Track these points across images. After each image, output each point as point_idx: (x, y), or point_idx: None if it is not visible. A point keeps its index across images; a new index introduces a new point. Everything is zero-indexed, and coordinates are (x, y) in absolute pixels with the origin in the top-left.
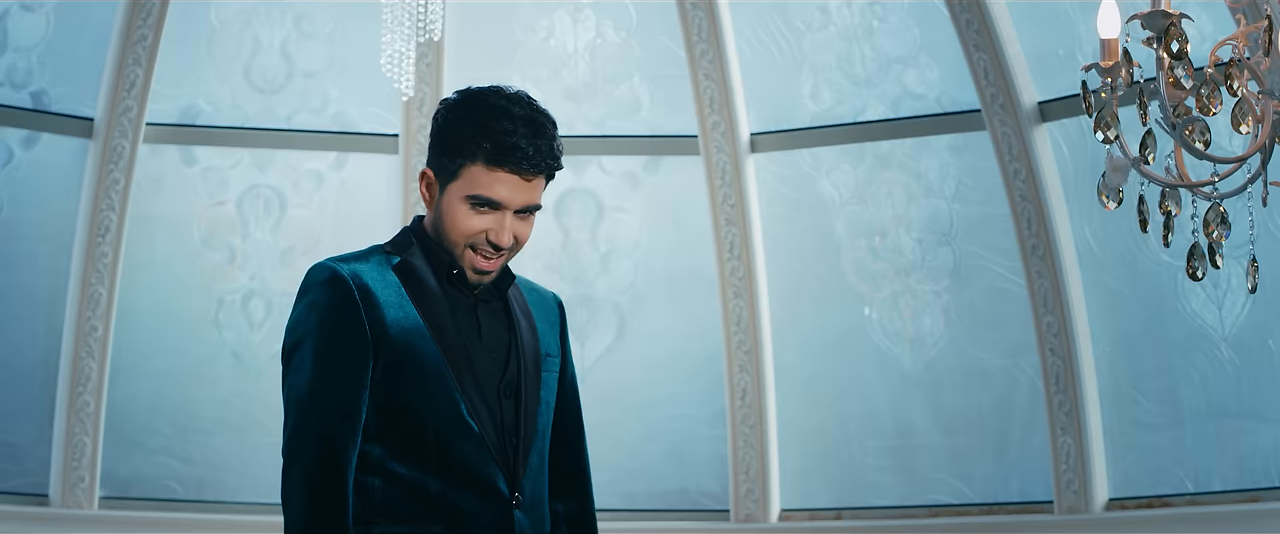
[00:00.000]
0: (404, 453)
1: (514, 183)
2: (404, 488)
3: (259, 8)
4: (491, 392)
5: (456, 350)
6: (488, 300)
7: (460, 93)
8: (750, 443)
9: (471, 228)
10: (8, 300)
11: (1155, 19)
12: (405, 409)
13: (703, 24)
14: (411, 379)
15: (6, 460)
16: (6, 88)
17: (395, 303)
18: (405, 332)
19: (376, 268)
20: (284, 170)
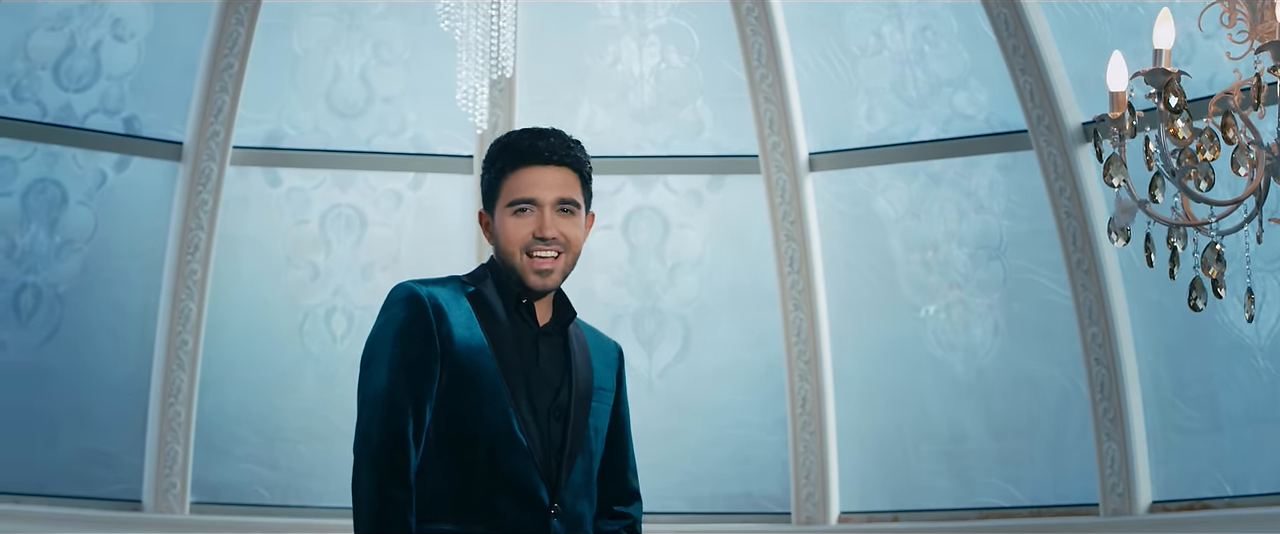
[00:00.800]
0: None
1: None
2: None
3: (340, 36)
4: (542, 412)
5: (514, 372)
6: (549, 334)
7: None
8: (810, 448)
9: (520, 232)
10: (102, 316)
11: (1156, 76)
12: (462, 418)
13: (762, 49)
14: (471, 392)
15: (102, 468)
16: (100, 114)
17: (464, 323)
18: (470, 350)
19: (452, 293)
20: (364, 190)
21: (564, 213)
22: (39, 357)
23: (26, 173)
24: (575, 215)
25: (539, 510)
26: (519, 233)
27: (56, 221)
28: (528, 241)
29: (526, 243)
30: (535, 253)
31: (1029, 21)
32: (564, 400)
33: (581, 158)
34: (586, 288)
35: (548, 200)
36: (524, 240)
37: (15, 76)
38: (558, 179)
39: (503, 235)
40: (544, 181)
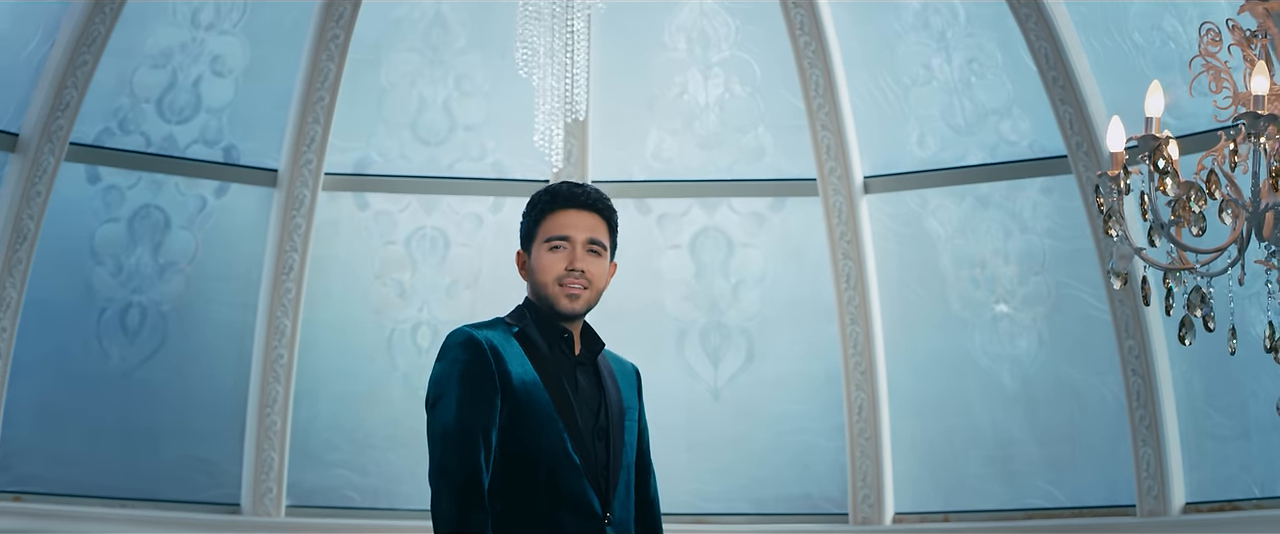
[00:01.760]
0: (521, 480)
1: (575, 218)
2: (519, 508)
3: (424, 70)
4: (587, 434)
5: (562, 401)
6: (583, 363)
7: None
8: (866, 453)
9: (554, 266)
10: (203, 332)
11: (1147, 140)
12: (524, 444)
13: (819, 80)
14: (530, 422)
15: (203, 474)
16: (200, 144)
17: (517, 361)
18: (526, 385)
19: (502, 334)
20: (447, 213)
21: (592, 252)
22: (145, 371)
23: (132, 200)
24: (601, 256)
25: (595, 521)
26: (554, 266)
27: (160, 245)
28: (561, 273)
29: (560, 275)
30: (566, 282)
31: (1068, 55)
32: (604, 422)
33: (610, 208)
34: (656, 303)
35: (579, 239)
36: (558, 272)
37: (122, 110)
38: (588, 222)
39: (539, 268)
40: (577, 223)
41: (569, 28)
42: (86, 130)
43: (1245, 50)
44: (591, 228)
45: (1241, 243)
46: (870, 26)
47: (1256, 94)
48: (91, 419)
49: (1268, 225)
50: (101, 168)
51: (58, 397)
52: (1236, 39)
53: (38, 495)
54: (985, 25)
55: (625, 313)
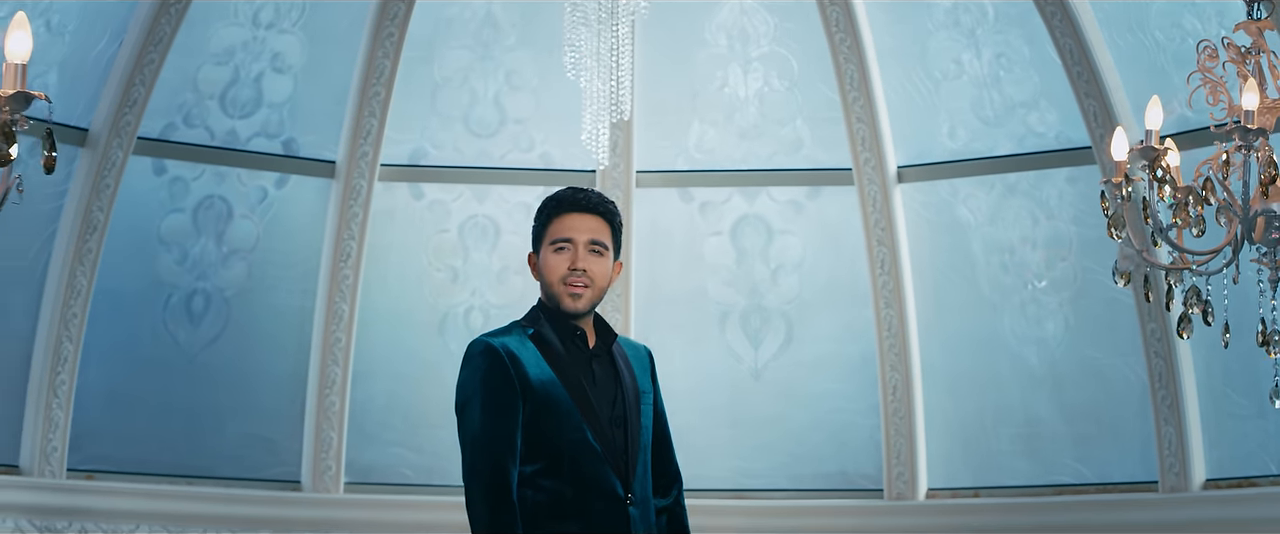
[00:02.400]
0: (548, 471)
1: (579, 220)
2: (549, 497)
3: (475, 65)
4: (605, 422)
5: (579, 394)
6: (598, 354)
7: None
8: (901, 431)
9: (559, 265)
10: (264, 317)
11: (1148, 150)
12: (547, 440)
13: (854, 74)
14: (551, 418)
15: (265, 453)
16: (261, 137)
17: (534, 363)
18: (544, 384)
19: (517, 339)
20: (498, 202)
21: (594, 252)
22: (209, 354)
23: (197, 191)
24: (604, 256)
25: (618, 504)
26: (559, 266)
27: (223, 234)
28: (565, 273)
29: (564, 274)
30: (569, 281)
31: (1092, 51)
32: (620, 409)
33: (613, 211)
34: (699, 287)
35: (582, 240)
36: (562, 272)
37: (186, 106)
38: (591, 224)
39: (546, 268)
40: (580, 226)
41: (614, 32)
42: (153, 125)
43: (1239, 67)
44: (593, 230)
45: (1236, 245)
46: (903, 24)
47: (1247, 109)
48: (158, 401)
49: (1259, 229)
50: (167, 161)
51: (126, 380)
52: (1231, 55)
53: (108, 474)
54: (1013, 22)
55: (670, 297)
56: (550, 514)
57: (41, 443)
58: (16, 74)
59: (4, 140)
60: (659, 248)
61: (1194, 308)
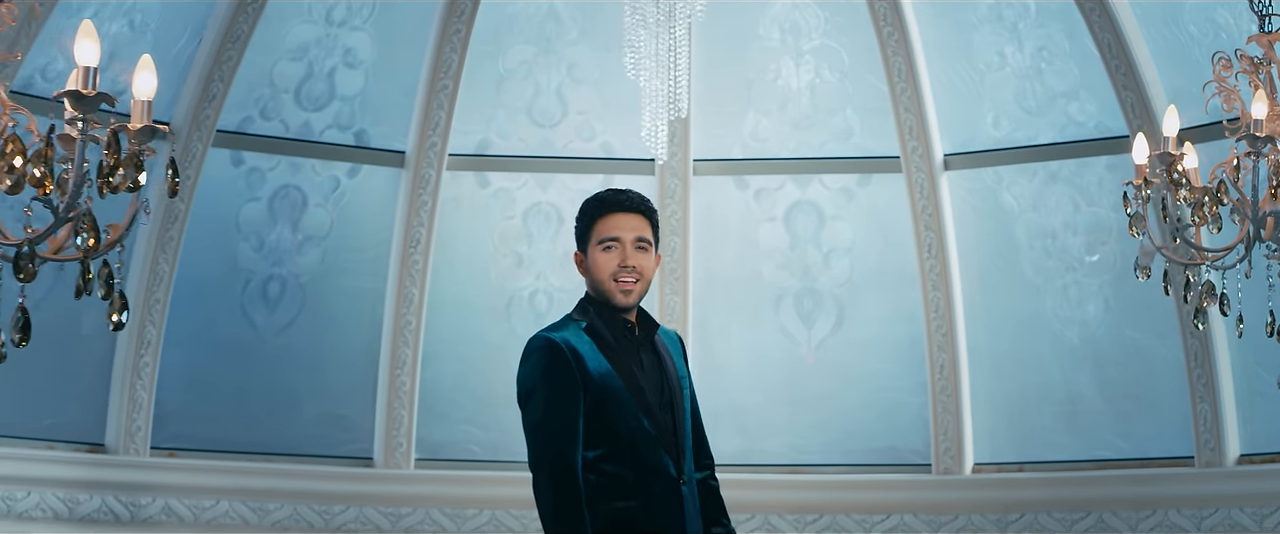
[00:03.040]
0: (609, 457)
1: (623, 220)
2: (611, 480)
3: (538, 59)
4: (656, 408)
5: (633, 384)
6: (643, 344)
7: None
8: (948, 408)
9: (608, 263)
10: (338, 301)
11: (1165, 157)
12: (608, 427)
13: (902, 67)
14: (610, 407)
15: (339, 431)
16: (334, 129)
17: (592, 356)
18: (602, 375)
19: (574, 332)
20: (561, 190)
21: (640, 249)
22: (285, 337)
23: (273, 181)
24: (648, 251)
25: (672, 483)
26: (608, 264)
27: (298, 222)
28: (615, 270)
29: (614, 271)
30: (620, 278)
31: (1129, 44)
32: (667, 395)
33: (652, 208)
34: (754, 271)
35: (628, 239)
36: (612, 270)
37: (263, 100)
38: (635, 223)
39: (594, 267)
40: (625, 225)
41: (671, 33)
42: (231, 118)
43: (1252, 77)
44: (637, 227)
45: (1248, 242)
46: (948, 18)
47: (1256, 117)
48: (237, 382)
49: (1269, 228)
50: (245, 152)
51: (206, 362)
52: (1244, 66)
53: (189, 452)
54: (1053, 17)
55: (726, 280)
56: (611, 495)
57: (126, 423)
58: (143, 110)
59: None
60: (715, 233)
61: (1206, 301)
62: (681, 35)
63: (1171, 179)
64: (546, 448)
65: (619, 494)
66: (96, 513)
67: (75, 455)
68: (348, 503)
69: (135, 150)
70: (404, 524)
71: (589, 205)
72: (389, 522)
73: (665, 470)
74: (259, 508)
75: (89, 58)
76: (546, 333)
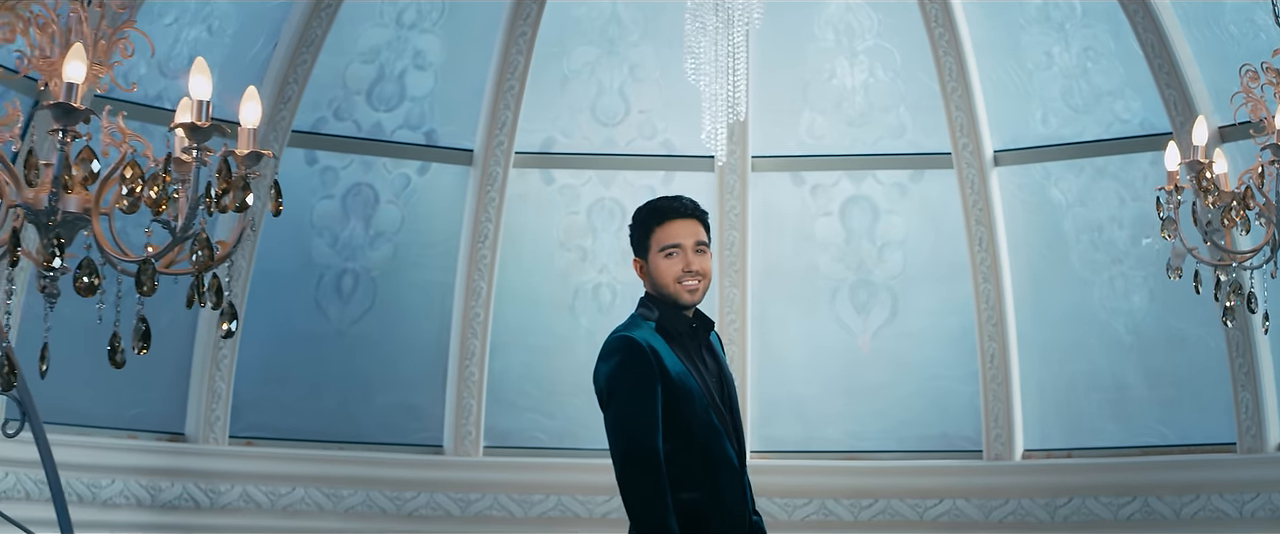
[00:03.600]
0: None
1: (681, 226)
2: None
3: (602, 60)
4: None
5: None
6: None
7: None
8: (998, 396)
9: (672, 269)
10: (409, 294)
11: (1194, 165)
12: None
13: (953, 66)
14: (685, 402)
15: (411, 419)
16: (405, 129)
17: (669, 356)
18: (679, 374)
19: (649, 331)
20: (624, 186)
21: (699, 252)
22: (357, 329)
23: (345, 179)
24: (706, 252)
25: (737, 475)
26: (672, 270)
27: (370, 218)
28: (679, 275)
29: (678, 276)
30: (685, 282)
31: (1171, 44)
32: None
33: (705, 212)
34: (811, 264)
35: (688, 244)
36: (676, 275)
37: (336, 101)
38: (691, 228)
39: (658, 273)
40: (684, 231)
41: (730, 40)
42: (305, 119)
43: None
44: (695, 232)
45: (1274, 244)
46: (997, 19)
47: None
48: (312, 373)
49: None
50: (319, 152)
51: (282, 354)
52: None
53: (266, 440)
54: (1099, 18)
55: (784, 273)
56: (684, 485)
57: (206, 413)
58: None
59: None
60: (773, 227)
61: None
62: (739, 41)
63: (1200, 186)
64: (634, 441)
65: (692, 484)
66: (177, 500)
67: (157, 444)
68: (419, 489)
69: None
70: (473, 510)
71: (645, 215)
72: (458, 507)
73: (731, 461)
74: (333, 494)
75: (202, 92)
76: (624, 332)
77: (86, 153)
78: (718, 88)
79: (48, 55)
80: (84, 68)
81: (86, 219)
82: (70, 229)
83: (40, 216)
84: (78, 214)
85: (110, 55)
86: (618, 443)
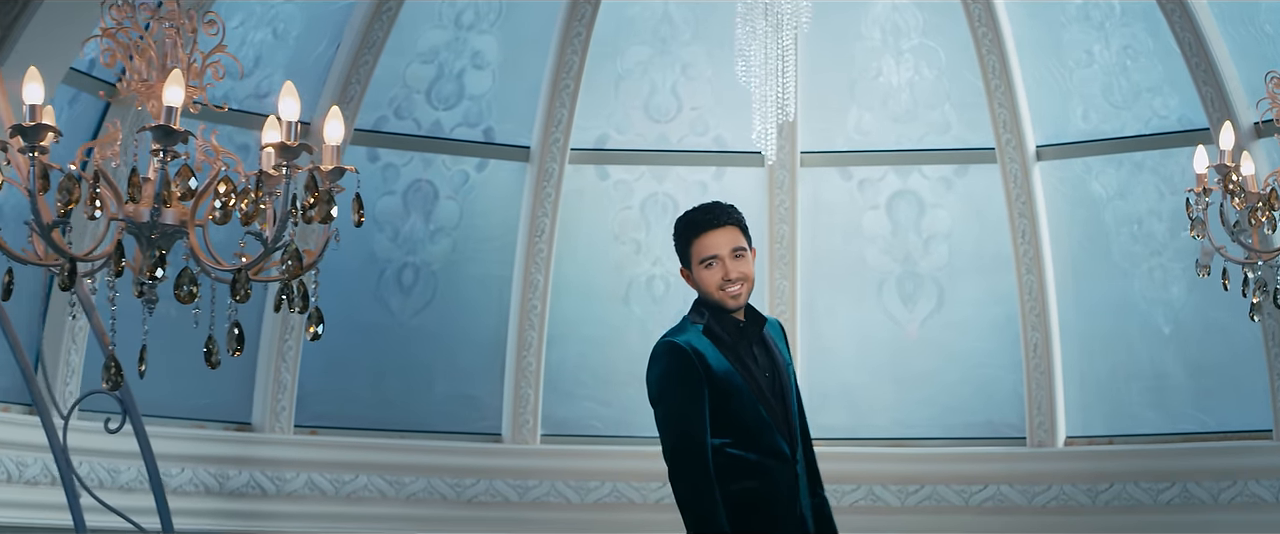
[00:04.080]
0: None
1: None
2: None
3: (654, 59)
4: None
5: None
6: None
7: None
8: (1041, 385)
9: (713, 278)
10: (468, 287)
11: (1222, 168)
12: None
13: (996, 64)
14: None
15: (470, 409)
16: (464, 127)
17: (713, 356)
18: (724, 373)
19: (695, 334)
20: (676, 181)
21: (737, 257)
22: (418, 321)
23: (406, 175)
24: (745, 256)
25: (788, 464)
26: (712, 279)
27: (430, 213)
28: (720, 282)
29: (719, 283)
30: (727, 289)
31: (1208, 43)
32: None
33: (739, 215)
34: (858, 256)
35: (725, 253)
36: (717, 283)
37: (396, 100)
38: (728, 236)
39: (702, 282)
40: (720, 241)
41: (780, 42)
42: (367, 117)
43: None
44: (731, 239)
45: None
46: (1039, 18)
47: None
48: (374, 364)
49: None
50: (380, 149)
51: (346, 345)
52: None
53: (330, 429)
54: (1137, 17)
55: (832, 265)
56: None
57: (272, 403)
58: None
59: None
60: (822, 221)
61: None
62: (788, 44)
63: (1227, 189)
64: (680, 440)
65: (743, 475)
66: (244, 487)
67: (224, 434)
68: (478, 476)
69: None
70: (531, 496)
71: (682, 228)
72: (517, 493)
73: (781, 452)
74: (395, 481)
75: (292, 113)
76: (670, 338)
77: (185, 171)
78: (768, 90)
79: (145, 78)
80: (182, 93)
81: (183, 231)
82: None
83: (141, 229)
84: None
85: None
86: (667, 440)
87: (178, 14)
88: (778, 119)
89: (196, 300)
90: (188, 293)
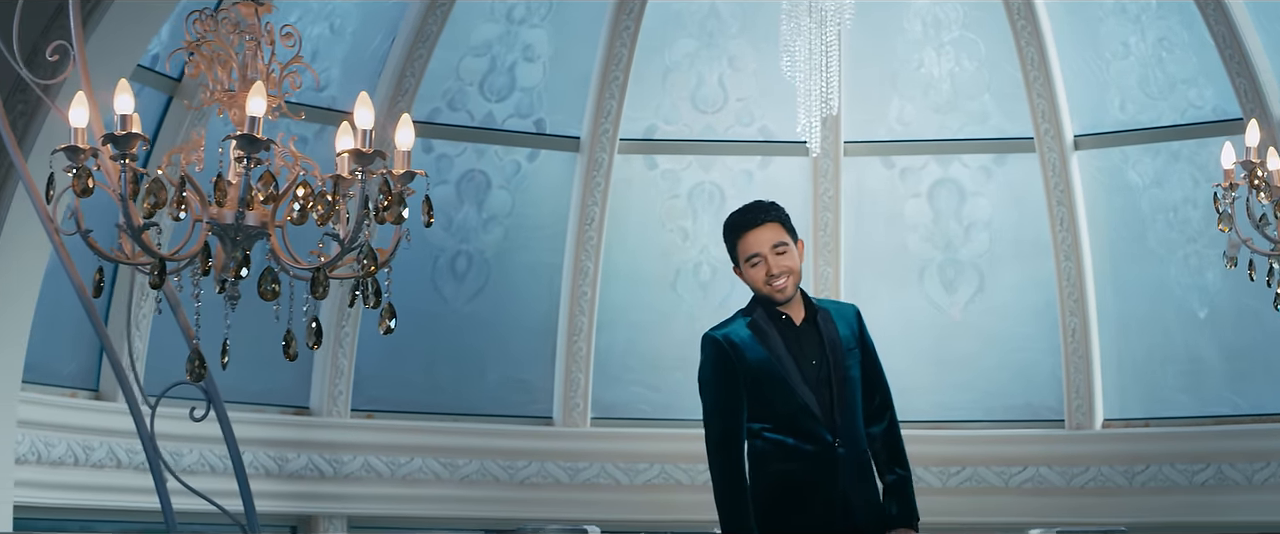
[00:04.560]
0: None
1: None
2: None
3: (701, 52)
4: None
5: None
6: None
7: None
8: (1079, 368)
9: (759, 275)
10: (519, 274)
11: (1247, 164)
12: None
13: (1034, 56)
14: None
15: (522, 393)
16: (515, 118)
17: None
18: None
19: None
20: (722, 170)
21: (779, 254)
22: (471, 307)
23: (459, 165)
24: (788, 251)
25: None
26: (758, 276)
27: (483, 202)
28: (765, 278)
29: (764, 280)
30: (773, 283)
31: (1242, 36)
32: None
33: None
34: (900, 243)
35: (767, 251)
36: (763, 279)
37: (450, 92)
38: (769, 234)
39: (750, 280)
40: (761, 239)
41: (823, 38)
42: (421, 109)
43: None
44: (773, 236)
45: None
46: (1076, 12)
47: None
48: (428, 349)
49: None
50: (434, 140)
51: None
52: None
53: (385, 413)
54: (1173, 11)
55: (875, 251)
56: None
57: (329, 388)
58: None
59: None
60: (865, 209)
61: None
62: (832, 39)
63: (1252, 184)
64: (717, 428)
65: (780, 457)
66: (303, 470)
67: (283, 417)
68: (530, 459)
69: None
70: (581, 478)
71: (728, 230)
72: (568, 475)
73: (820, 436)
74: (449, 464)
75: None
76: (712, 331)
77: (267, 177)
78: (812, 84)
79: (227, 88)
80: (264, 104)
81: (265, 232)
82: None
83: (226, 231)
84: (257, 227)
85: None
86: (705, 429)
87: (257, 27)
88: (821, 112)
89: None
90: (270, 290)
